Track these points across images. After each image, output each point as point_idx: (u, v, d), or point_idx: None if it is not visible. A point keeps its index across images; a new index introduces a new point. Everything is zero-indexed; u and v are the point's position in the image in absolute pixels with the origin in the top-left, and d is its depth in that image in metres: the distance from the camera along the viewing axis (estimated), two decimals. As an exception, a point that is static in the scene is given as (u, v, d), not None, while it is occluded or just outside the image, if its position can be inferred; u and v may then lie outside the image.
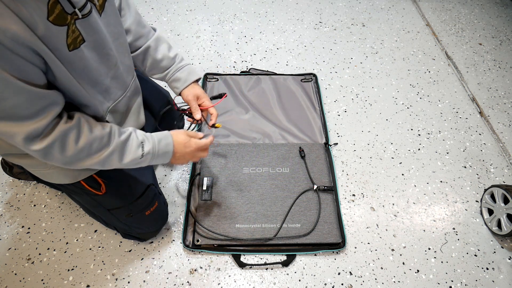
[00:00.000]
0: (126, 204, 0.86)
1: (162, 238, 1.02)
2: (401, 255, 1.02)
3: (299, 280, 0.95)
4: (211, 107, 0.91)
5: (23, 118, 0.56)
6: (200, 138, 0.85)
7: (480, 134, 1.34)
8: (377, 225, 1.08)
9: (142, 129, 0.95)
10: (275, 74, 1.47)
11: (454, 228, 1.08)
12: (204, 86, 1.39)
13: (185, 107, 0.93)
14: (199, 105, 0.91)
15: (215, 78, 1.42)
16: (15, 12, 0.50)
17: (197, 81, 0.92)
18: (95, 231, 1.02)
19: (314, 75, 1.47)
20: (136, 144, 0.72)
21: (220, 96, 0.99)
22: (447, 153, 1.27)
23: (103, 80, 0.70)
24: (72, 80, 0.62)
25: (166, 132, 0.80)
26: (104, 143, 0.67)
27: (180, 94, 0.91)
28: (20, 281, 0.93)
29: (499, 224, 1.05)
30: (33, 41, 0.53)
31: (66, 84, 0.62)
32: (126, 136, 0.71)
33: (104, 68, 0.69)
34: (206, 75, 1.44)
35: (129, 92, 0.81)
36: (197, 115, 0.90)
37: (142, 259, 0.98)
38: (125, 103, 0.81)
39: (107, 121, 0.76)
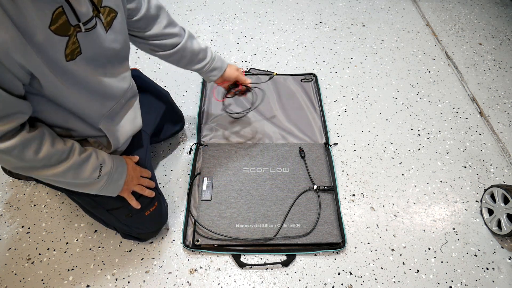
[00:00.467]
0: (126, 204, 0.86)
1: (162, 238, 1.02)
2: (401, 255, 1.02)
3: (299, 280, 0.96)
4: (248, 83, 1.10)
5: None
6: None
7: (480, 134, 1.34)
8: (377, 225, 1.08)
9: (140, 132, 0.95)
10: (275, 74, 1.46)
11: (454, 228, 1.08)
12: (204, 86, 1.39)
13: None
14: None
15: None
16: (12, 19, 0.49)
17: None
18: (95, 231, 1.02)
19: (314, 75, 1.47)
20: (95, 164, 0.73)
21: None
22: (447, 153, 1.27)
23: (97, 89, 0.70)
24: (63, 89, 0.62)
25: (121, 158, 0.83)
26: (63, 158, 0.67)
27: (220, 77, 1.03)
28: (20, 281, 0.93)
29: (499, 224, 1.05)
30: (23, 51, 0.52)
31: (54, 93, 0.62)
32: (87, 155, 0.72)
33: (99, 78, 0.69)
34: None
35: (123, 99, 0.81)
36: (248, 80, 1.09)
37: (142, 259, 0.98)
38: (119, 109, 0.81)
39: (100, 128, 0.76)
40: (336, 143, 1.27)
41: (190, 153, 1.21)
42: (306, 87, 1.42)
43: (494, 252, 1.04)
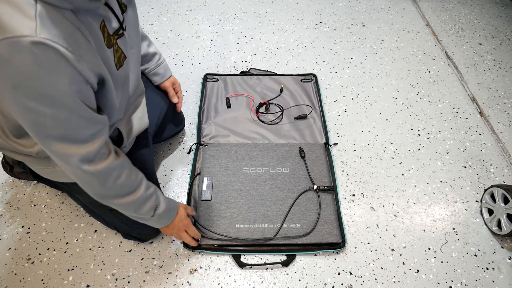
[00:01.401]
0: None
1: (162, 238, 1.02)
2: (401, 255, 1.02)
3: (299, 280, 0.95)
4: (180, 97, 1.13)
5: (81, 140, 0.60)
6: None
7: (480, 134, 1.34)
8: (377, 225, 1.08)
9: (144, 132, 0.95)
10: (275, 74, 1.47)
11: (454, 228, 1.08)
12: (204, 86, 1.39)
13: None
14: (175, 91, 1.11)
15: (215, 78, 1.42)
16: (88, 40, 0.55)
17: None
18: (95, 231, 1.02)
19: (314, 75, 1.47)
20: (153, 204, 0.77)
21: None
22: (447, 153, 1.27)
23: (125, 85, 0.74)
24: (115, 97, 0.67)
25: (176, 203, 0.88)
26: (132, 190, 0.73)
27: (158, 85, 1.08)
28: (20, 281, 0.93)
29: (499, 224, 1.05)
30: (99, 64, 0.57)
31: (109, 102, 0.66)
32: (150, 193, 0.77)
33: (128, 76, 0.74)
34: (206, 75, 1.43)
35: (134, 96, 0.84)
36: (174, 100, 1.10)
37: (142, 259, 0.98)
38: (130, 105, 0.85)
39: (115, 127, 0.79)
40: (336, 143, 1.27)
41: (189, 152, 1.21)
42: (306, 87, 1.42)
43: (494, 252, 1.04)
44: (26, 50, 0.46)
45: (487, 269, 1.00)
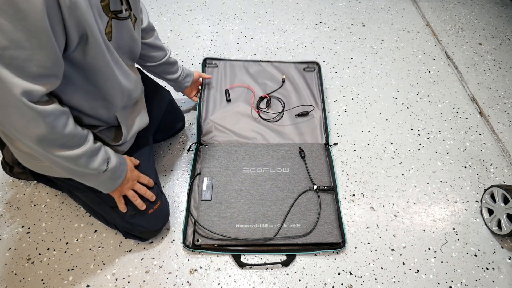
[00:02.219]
0: (130, 201, 0.87)
1: (162, 238, 1.02)
2: (401, 255, 1.02)
3: (299, 280, 0.96)
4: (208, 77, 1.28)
5: (29, 75, 0.54)
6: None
7: (480, 134, 1.34)
8: (377, 225, 1.08)
9: (144, 131, 0.95)
10: (277, 61, 1.45)
11: (454, 228, 1.08)
12: (203, 86, 1.37)
13: None
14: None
15: (215, 64, 1.40)
16: None
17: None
18: (95, 231, 1.02)
19: (317, 64, 1.45)
20: (103, 157, 0.74)
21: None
22: (447, 153, 1.27)
23: (123, 74, 0.75)
24: (105, 61, 0.66)
25: (122, 156, 0.84)
26: (81, 141, 0.69)
27: (192, 82, 1.21)
28: (20, 281, 0.93)
29: (499, 224, 1.05)
30: (87, 11, 0.56)
31: (96, 60, 0.64)
32: (98, 145, 0.74)
33: (124, 66, 0.75)
34: (205, 60, 1.40)
35: (136, 97, 0.85)
36: (207, 76, 1.28)
37: (142, 259, 0.98)
38: (131, 107, 0.85)
39: (112, 118, 0.80)
40: (336, 143, 1.27)
41: (189, 151, 1.21)
42: (308, 78, 1.40)
43: (494, 252, 1.04)
44: None
45: (487, 269, 1.00)
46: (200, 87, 1.31)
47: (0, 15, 0.47)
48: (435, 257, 1.02)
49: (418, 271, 0.99)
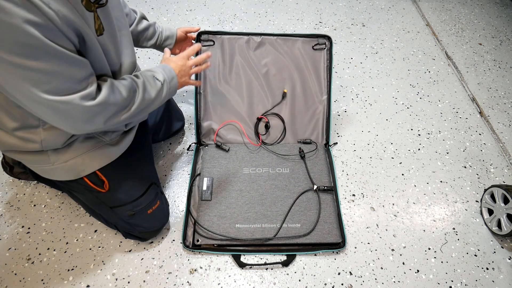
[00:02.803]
0: (129, 202, 0.86)
1: (162, 238, 1.02)
2: (401, 255, 1.02)
3: (299, 280, 0.96)
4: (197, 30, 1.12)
5: (78, 87, 0.61)
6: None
7: (480, 134, 1.34)
8: (377, 225, 1.08)
9: (142, 130, 0.95)
10: (282, 35, 1.20)
11: (454, 228, 1.08)
12: (198, 54, 1.13)
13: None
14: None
15: (211, 41, 1.16)
16: None
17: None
18: (95, 231, 1.02)
19: (329, 38, 1.18)
20: (151, 78, 0.78)
21: None
22: (447, 153, 1.27)
23: (114, 69, 0.75)
24: (103, 57, 0.68)
25: (160, 64, 0.85)
26: (134, 88, 0.73)
27: (176, 43, 1.08)
28: (20, 281, 0.93)
29: (499, 224, 1.05)
30: (79, 21, 0.58)
31: (95, 62, 0.67)
32: (142, 76, 0.76)
33: (116, 58, 0.74)
34: (199, 35, 1.14)
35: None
36: (197, 27, 1.12)
37: (142, 259, 0.98)
38: None
39: None
40: (336, 143, 1.27)
41: (188, 149, 1.21)
42: (317, 60, 1.20)
43: (494, 252, 1.04)
44: None
45: (487, 269, 1.00)
46: (193, 41, 1.15)
47: (26, 58, 0.54)
48: (435, 257, 1.02)
49: (418, 271, 0.99)
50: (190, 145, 1.22)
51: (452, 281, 0.98)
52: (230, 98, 1.21)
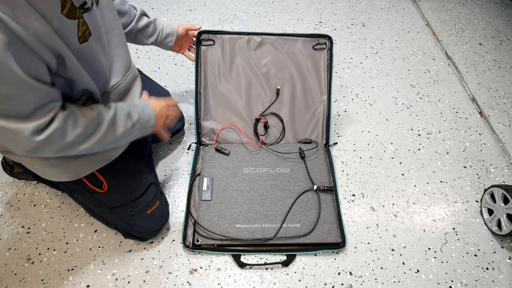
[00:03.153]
0: (128, 202, 0.86)
1: (162, 238, 1.02)
2: (401, 255, 1.02)
3: (299, 280, 0.96)
4: (198, 28, 1.12)
5: (29, 115, 0.57)
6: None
7: (480, 134, 1.34)
8: (377, 225, 1.08)
9: None
10: (282, 34, 1.19)
11: (454, 228, 1.08)
12: (198, 53, 1.16)
13: None
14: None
15: (211, 41, 1.16)
16: (33, 7, 0.51)
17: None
18: (95, 231, 1.02)
19: (329, 38, 1.18)
20: (125, 115, 0.73)
21: None
22: (447, 153, 1.27)
23: (104, 72, 0.73)
24: (82, 71, 0.65)
25: (142, 101, 0.84)
26: (97, 122, 0.68)
27: (176, 40, 1.07)
28: (20, 281, 0.93)
29: (499, 224, 1.05)
30: (51, 36, 0.55)
31: (75, 75, 0.64)
32: (113, 110, 0.72)
33: (105, 60, 0.72)
34: (199, 34, 1.14)
35: (125, 80, 0.82)
36: (198, 25, 1.12)
37: (142, 259, 0.98)
38: (121, 89, 0.82)
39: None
40: (336, 143, 1.27)
41: (188, 149, 1.21)
42: (317, 60, 1.20)
43: (494, 252, 1.04)
44: None
45: (487, 269, 1.00)
46: (194, 38, 1.14)
47: None
48: (435, 257, 1.02)
49: (418, 271, 0.99)
50: (190, 145, 1.22)
51: (452, 281, 0.98)
52: (230, 97, 1.20)
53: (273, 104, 1.21)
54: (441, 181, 1.19)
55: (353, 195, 1.14)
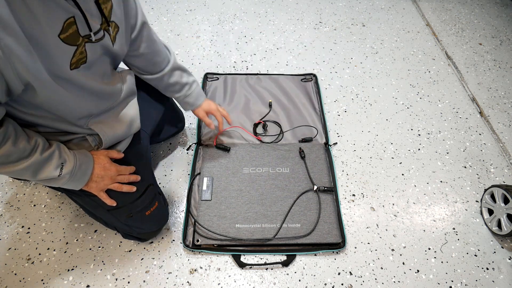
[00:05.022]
0: (126, 204, 0.86)
1: (162, 238, 1.02)
2: (401, 255, 1.02)
3: (299, 280, 0.95)
4: (221, 117, 1.11)
5: None
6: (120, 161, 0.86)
7: (480, 134, 1.34)
8: (377, 225, 1.08)
9: (139, 132, 0.94)
10: (275, 74, 1.47)
11: (454, 228, 1.08)
12: (204, 86, 1.39)
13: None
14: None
15: (215, 77, 1.43)
16: (20, 22, 0.49)
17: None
18: (95, 231, 1.02)
19: (314, 75, 1.47)
20: (56, 164, 0.69)
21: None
22: (447, 153, 1.27)
23: (92, 92, 0.70)
24: (59, 95, 0.62)
25: (89, 154, 0.78)
26: (24, 156, 0.65)
27: (193, 111, 1.08)
28: (20, 281, 0.93)
29: (499, 224, 1.05)
30: (26, 56, 0.52)
31: (47, 99, 0.62)
32: (49, 154, 0.68)
33: (95, 82, 0.70)
34: (206, 75, 1.44)
35: (117, 100, 0.81)
36: (212, 126, 1.09)
37: (142, 259, 0.98)
38: (112, 109, 0.81)
39: (90, 128, 0.76)
40: (336, 143, 1.27)
41: (188, 149, 1.21)
42: (306, 87, 1.42)
43: (494, 252, 1.04)
44: None
45: (487, 269, 1.00)
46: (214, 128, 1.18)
47: None
48: (435, 257, 1.02)
49: (418, 271, 0.99)
50: (190, 145, 1.22)
51: (452, 281, 0.98)
52: (230, 111, 1.32)
53: (268, 114, 1.32)
54: (441, 181, 1.19)
55: (353, 195, 1.14)
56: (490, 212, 1.09)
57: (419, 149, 1.28)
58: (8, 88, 0.55)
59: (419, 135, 1.32)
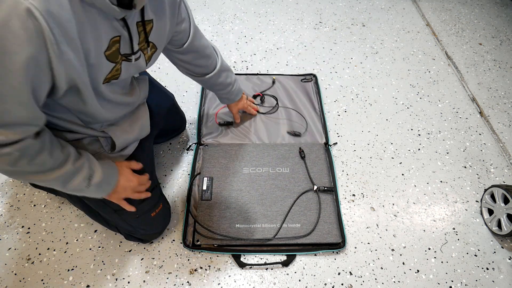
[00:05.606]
0: (134, 205, 0.86)
1: (162, 238, 1.02)
2: (401, 255, 1.02)
3: (299, 280, 0.95)
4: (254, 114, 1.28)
5: (2, 125, 0.54)
6: (140, 171, 0.87)
7: (480, 134, 1.34)
8: (377, 225, 1.07)
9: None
10: (275, 74, 1.47)
11: (454, 228, 1.08)
12: (204, 90, 1.39)
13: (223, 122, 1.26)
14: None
15: None
16: (80, 38, 0.52)
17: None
18: (95, 231, 1.02)
19: (314, 76, 1.47)
20: (85, 175, 0.70)
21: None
22: (447, 153, 1.27)
23: (111, 104, 0.74)
24: (97, 105, 0.67)
25: (114, 166, 0.79)
26: (56, 165, 0.65)
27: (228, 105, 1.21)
28: (20, 281, 0.93)
29: (499, 224, 1.05)
30: (79, 68, 0.55)
31: (92, 107, 0.66)
32: (80, 164, 0.69)
33: (117, 96, 0.74)
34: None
35: (132, 108, 0.85)
36: (237, 120, 1.24)
37: (142, 259, 0.98)
38: (127, 114, 0.84)
39: (103, 131, 0.78)
40: (336, 143, 1.27)
41: (188, 149, 1.21)
42: (306, 87, 1.42)
43: (494, 252, 1.04)
44: (15, 15, 0.43)
45: (487, 269, 1.00)
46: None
47: None
48: (435, 257, 1.02)
49: (418, 271, 0.99)
50: (190, 145, 1.22)
51: (452, 281, 0.98)
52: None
53: (269, 89, 1.39)
54: (441, 181, 1.19)
55: (353, 195, 1.14)
56: (490, 212, 1.09)
57: (419, 149, 1.28)
58: (52, 88, 0.56)
59: (419, 135, 1.32)
